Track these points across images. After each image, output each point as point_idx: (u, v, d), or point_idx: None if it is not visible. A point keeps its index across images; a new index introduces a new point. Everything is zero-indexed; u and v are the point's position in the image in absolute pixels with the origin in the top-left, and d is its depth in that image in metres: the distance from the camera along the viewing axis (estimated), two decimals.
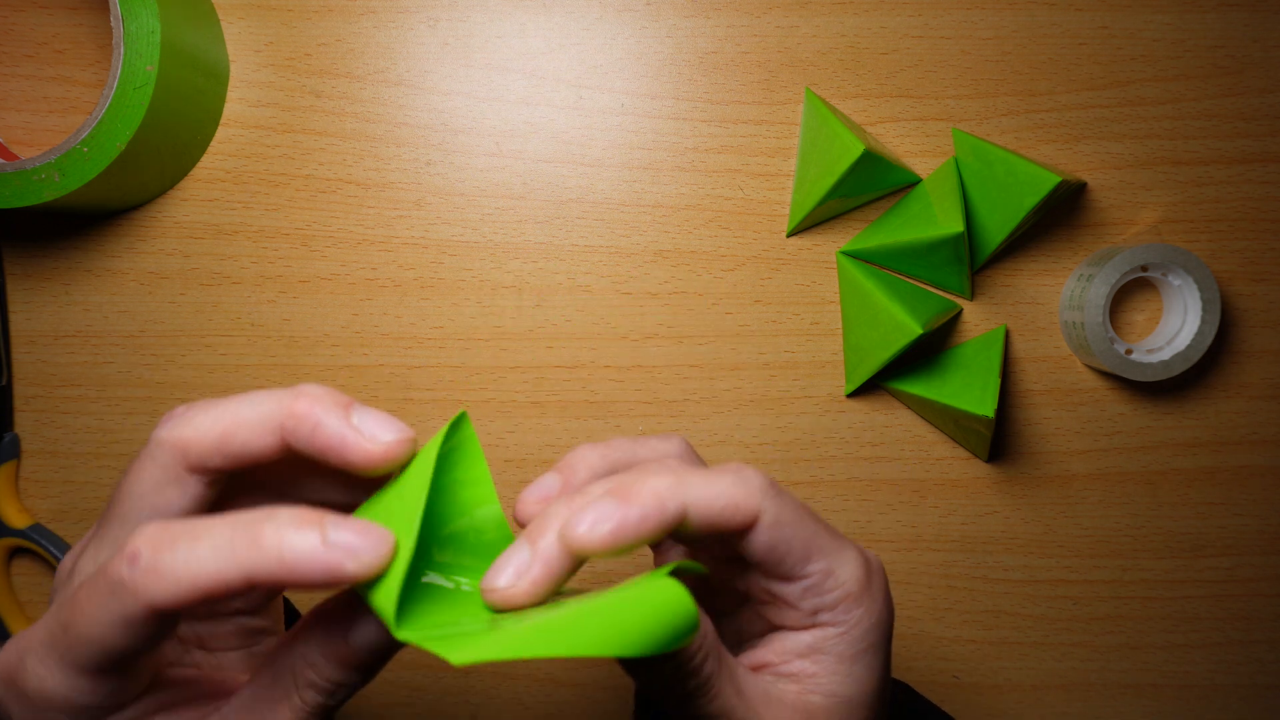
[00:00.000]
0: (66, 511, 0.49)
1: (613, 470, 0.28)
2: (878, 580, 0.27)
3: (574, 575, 0.25)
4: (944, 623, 0.49)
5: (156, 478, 0.24)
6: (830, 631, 0.26)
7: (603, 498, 0.25)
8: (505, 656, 0.21)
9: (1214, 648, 0.49)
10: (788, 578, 0.26)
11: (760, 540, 0.26)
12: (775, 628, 0.28)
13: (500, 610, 0.24)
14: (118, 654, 0.22)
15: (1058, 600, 0.49)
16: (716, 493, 0.25)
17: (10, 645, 0.24)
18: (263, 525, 0.22)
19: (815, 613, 0.27)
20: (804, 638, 0.27)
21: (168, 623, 0.22)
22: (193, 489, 0.24)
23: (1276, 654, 0.49)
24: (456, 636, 0.22)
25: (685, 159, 0.48)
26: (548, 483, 0.28)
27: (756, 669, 0.28)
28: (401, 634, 0.22)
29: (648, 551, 0.28)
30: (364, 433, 0.24)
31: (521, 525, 0.27)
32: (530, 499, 0.27)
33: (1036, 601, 0.49)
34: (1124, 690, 0.49)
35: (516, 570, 0.24)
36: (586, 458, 0.28)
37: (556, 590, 0.25)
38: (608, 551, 0.24)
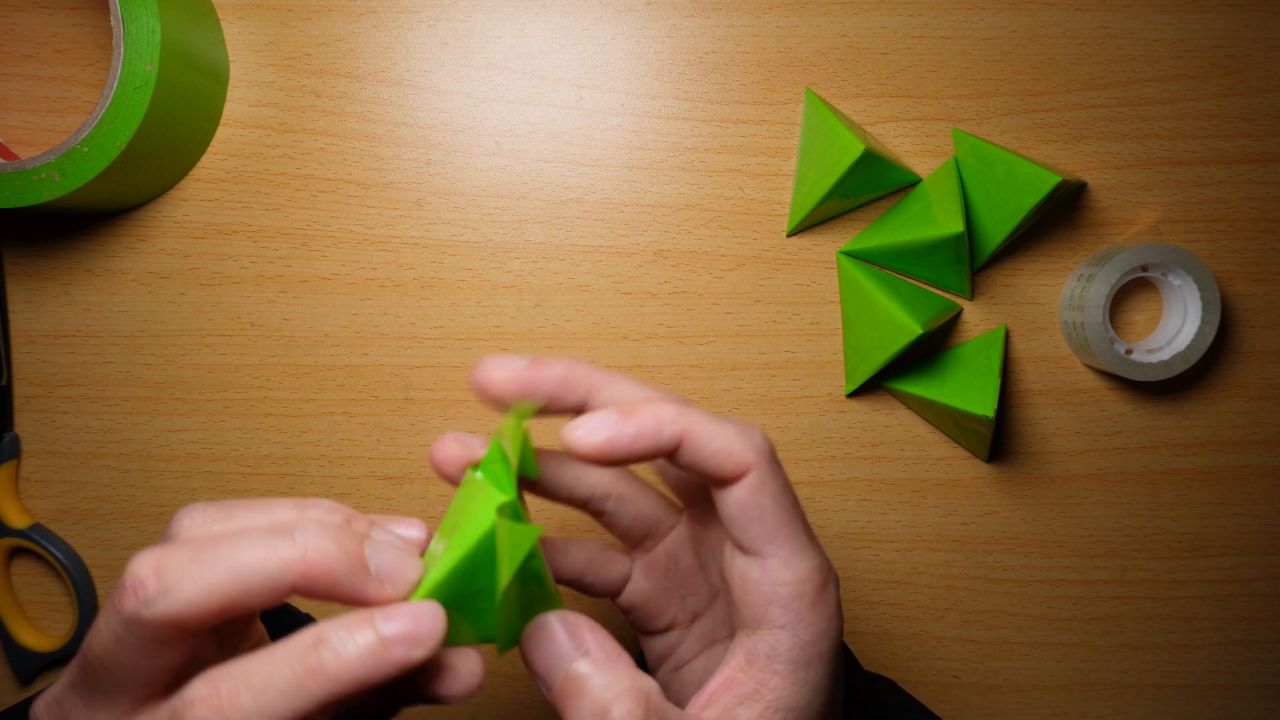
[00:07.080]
0: (66, 511, 0.49)
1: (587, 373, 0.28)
2: (832, 590, 0.27)
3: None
4: (944, 623, 0.49)
5: (145, 647, 0.22)
6: (782, 635, 0.26)
7: (607, 410, 0.26)
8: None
9: (1214, 648, 0.49)
10: (749, 550, 0.27)
11: (738, 495, 0.26)
12: (729, 633, 0.29)
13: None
14: None
15: (1058, 600, 0.49)
16: (716, 434, 0.26)
17: None
18: (319, 654, 0.22)
19: (768, 605, 0.27)
20: (758, 644, 0.27)
21: None
22: (190, 644, 0.23)
23: (1276, 654, 0.49)
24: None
25: (685, 159, 0.48)
26: (515, 363, 0.28)
27: (720, 691, 0.27)
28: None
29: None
30: (385, 582, 0.24)
31: (481, 394, 0.28)
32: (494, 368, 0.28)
33: (1036, 601, 0.49)
34: (1124, 690, 0.49)
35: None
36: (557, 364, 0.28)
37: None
38: (597, 458, 0.26)
